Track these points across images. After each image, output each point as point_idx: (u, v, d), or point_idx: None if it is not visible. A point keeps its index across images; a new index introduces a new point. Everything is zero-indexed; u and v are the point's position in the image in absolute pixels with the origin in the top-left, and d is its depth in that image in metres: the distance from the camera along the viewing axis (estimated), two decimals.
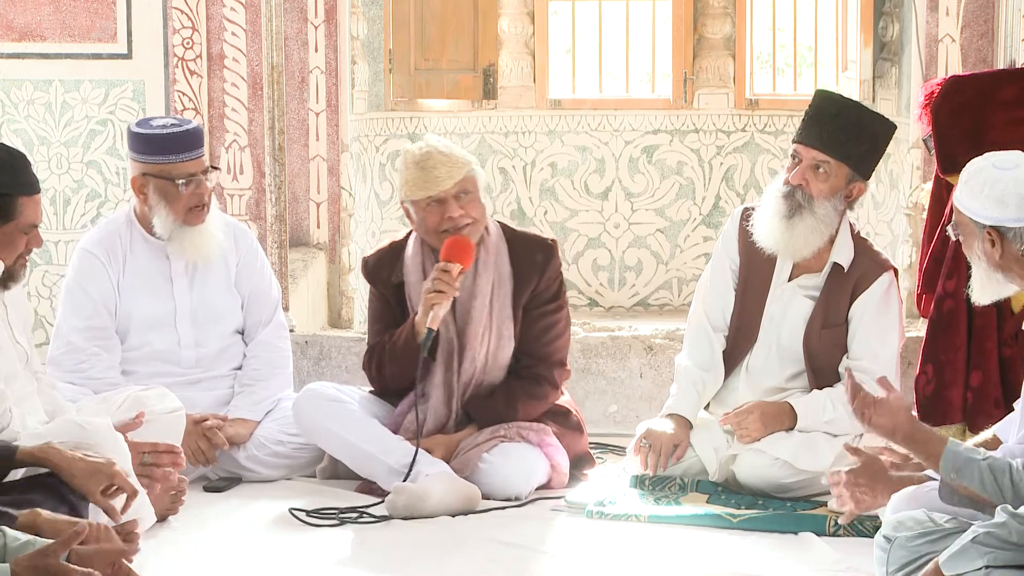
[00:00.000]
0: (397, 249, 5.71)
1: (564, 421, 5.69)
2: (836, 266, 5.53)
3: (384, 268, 5.69)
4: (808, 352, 5.52)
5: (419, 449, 5.39)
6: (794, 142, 5.50)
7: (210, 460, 5.61)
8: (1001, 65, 6.56)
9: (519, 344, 5.62)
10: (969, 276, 4.35)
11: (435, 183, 5.47)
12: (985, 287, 4.32)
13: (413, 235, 5.67)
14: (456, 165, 5.50)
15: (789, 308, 5.56)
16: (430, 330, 5.40)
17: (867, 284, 5.50)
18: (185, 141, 5.64)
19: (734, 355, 5.62)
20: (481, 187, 5.58)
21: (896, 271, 5.60)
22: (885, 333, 5.48)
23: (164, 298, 5.79)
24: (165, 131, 5.64)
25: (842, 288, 5.52)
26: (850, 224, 5.56)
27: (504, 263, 5.62)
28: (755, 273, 5.61)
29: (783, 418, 5.45)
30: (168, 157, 5.63)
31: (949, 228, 4.37)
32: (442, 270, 5.41)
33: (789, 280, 5.58)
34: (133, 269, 5.78)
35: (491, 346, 5.59)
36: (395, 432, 5.53)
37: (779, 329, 5.56)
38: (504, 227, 5.72)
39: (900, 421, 4.06)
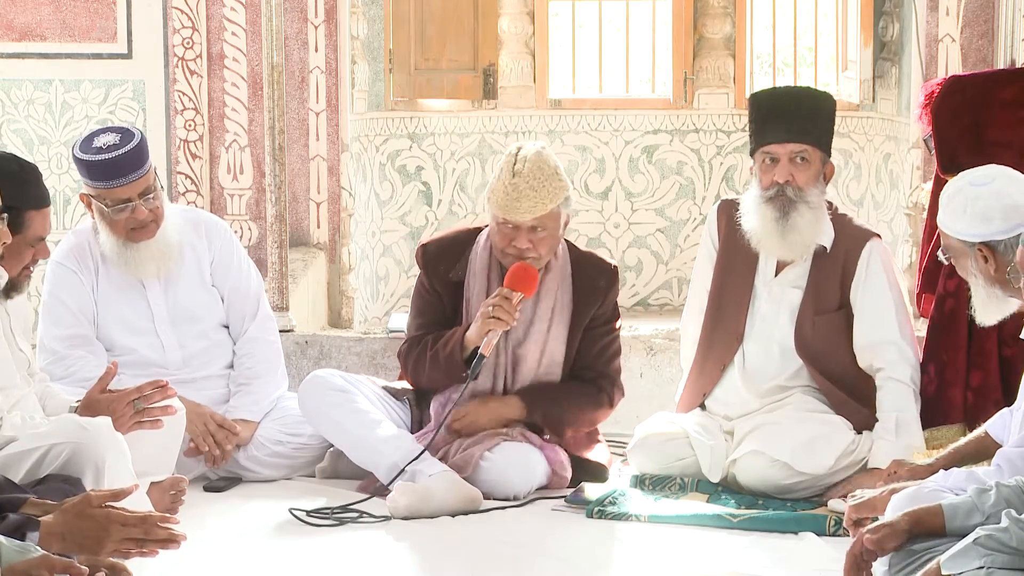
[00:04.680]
0: (461, 243, 5.61)
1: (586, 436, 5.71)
2: (820, 249, 5.54)
3: (444, 261, 5.60)
4: (801, 343, 5.52)
5: (426, 450, 5.38)
6: (760, 147, 5.49)
7: (221, 445, 5.59)
8: (1001, 65, 6.57)
9: (578, 362, 5.59)
10: None
11: (514, 212, 5.38)
12: (987, 305, 4.33)
13: (484, 234, 5.59)
14: (541, 201, 5.37)
15: (782, 304, 5.57)
16: (482, 356, 5.32)
17: (854, 261, 5.52)
18: (119, 167, 5.47)
19: (719, 352, 5.61)
20: (563, 222, 5.47)
21: (879, 236, 5.60)
22: (880, 300, 5.49)
23: (140, 304, 5.76)
24: (99, 157, 5.46)
25: (830, 269, 5.53)
26: (827, 203, 5.58)
27: (567, 290, 5.56)
28: (733, 267, 5.62)
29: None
30: (100, 184, 5.51)
31: (940, 253, 4.39)
32: (504, 296, 5.34)
33: (776, 276, 5.59)
34: (106, 278, 5.74)
35: (541, 368, 5.57)
36: (423, 422, 5.54)
37: (775, 327, 5.57)
38: (570, 247, 5.64)
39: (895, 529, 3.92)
